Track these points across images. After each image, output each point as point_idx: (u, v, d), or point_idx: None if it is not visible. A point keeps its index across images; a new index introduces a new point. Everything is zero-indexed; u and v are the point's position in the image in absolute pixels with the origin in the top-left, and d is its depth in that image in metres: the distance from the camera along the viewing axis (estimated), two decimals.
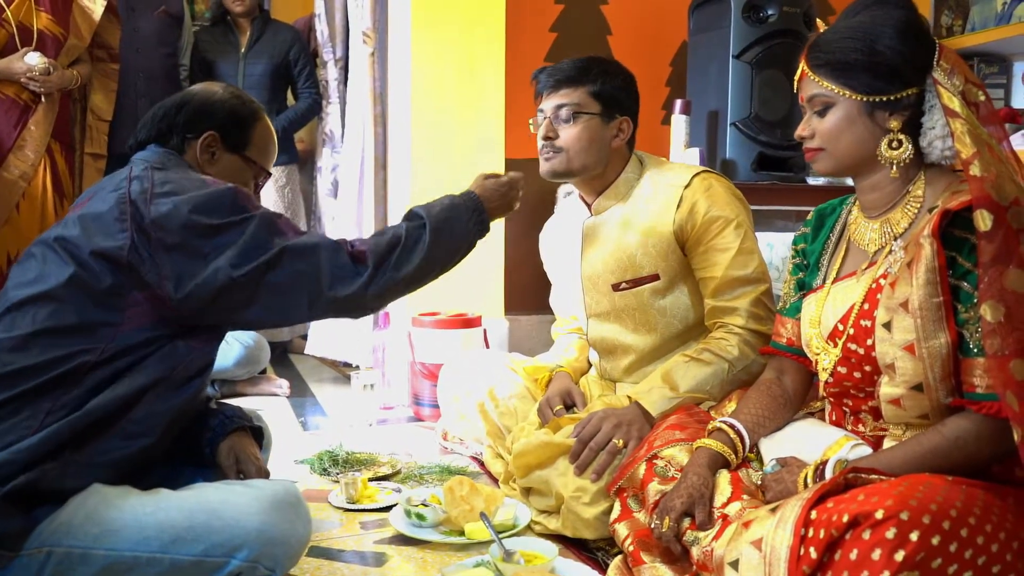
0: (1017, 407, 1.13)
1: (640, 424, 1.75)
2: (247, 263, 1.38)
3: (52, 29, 3.23)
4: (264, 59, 3.75)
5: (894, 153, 1.36)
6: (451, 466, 2.23)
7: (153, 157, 1.52)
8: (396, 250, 1.49)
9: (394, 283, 1.49)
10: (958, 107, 1.28)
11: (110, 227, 1.37)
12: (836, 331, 1.41)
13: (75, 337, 1.34)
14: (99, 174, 3.49)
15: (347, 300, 1.45)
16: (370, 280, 1.45)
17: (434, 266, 1.55)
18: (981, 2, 3.56)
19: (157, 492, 1.35)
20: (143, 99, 3.56)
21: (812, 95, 1.40)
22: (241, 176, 1.62)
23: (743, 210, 1.92)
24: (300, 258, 1.41)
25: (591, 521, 1.69)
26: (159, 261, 1.36)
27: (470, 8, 3.10)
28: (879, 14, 1.35)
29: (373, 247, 1.49)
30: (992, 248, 1.17)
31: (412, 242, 1.52)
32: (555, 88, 1.95)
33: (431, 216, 1.56)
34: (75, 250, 1.36)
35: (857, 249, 1.45)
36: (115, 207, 1.38)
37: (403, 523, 1.77)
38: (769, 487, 1.38)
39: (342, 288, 1.43)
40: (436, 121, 3.11)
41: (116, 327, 1.36)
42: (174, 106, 1.58)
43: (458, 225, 1.59)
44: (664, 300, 1.96)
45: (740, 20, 2.99)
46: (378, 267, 1.47)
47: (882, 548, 1.05)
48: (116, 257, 1.35)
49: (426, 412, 2.82)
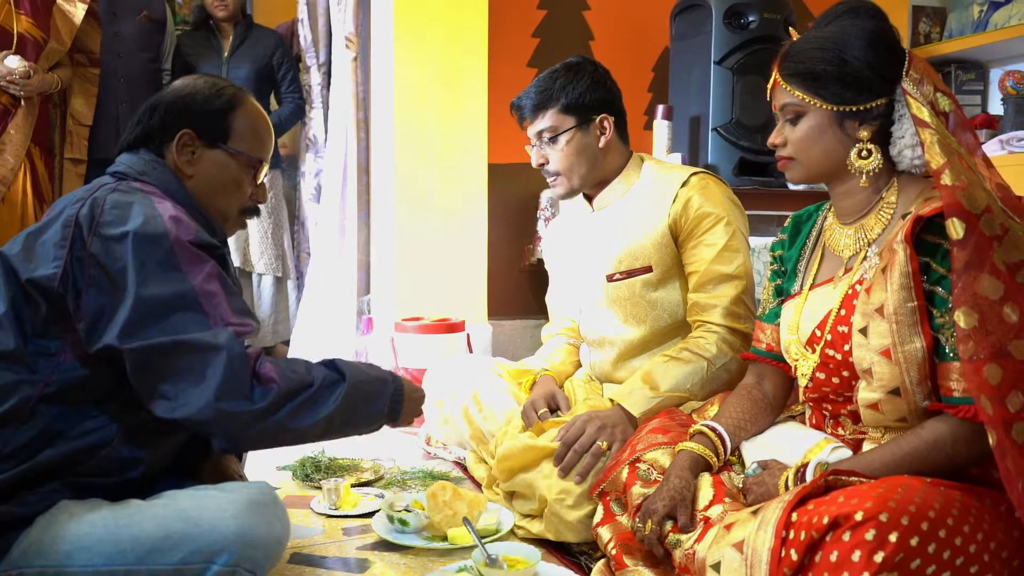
0: (991, 411, 1.15)
1: (623, 426, 1.76)
2: (138, 338, 1.26)
3: (32, 33, 3.21)
4: (247, 64, 3.74)
5: (863, 163, 1.37)
6: (434, 471, 2.23)
7: (138, 164, 1.45)
8: (300, 395, 1.32)
9: (282, 431, 1.31)
10: (927, 117, 1.29)
11: (49, 253, 1.30)
12: (814, 337, 1.42)
13: (16, 366, 1.29)
14: (79, 179, 3.47)
15: (225, 419, 1.26)
16: (262, 413, 1.28)
17: (328, 430, 1.37)
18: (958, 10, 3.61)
19: (128, 504, 1.32)
20: (124, 104, 3.54)
21: (784, 104, 1.41)
22: (227, 172, 1.49)
23: (736, 212, 1.94)
24: (194, 353, 1.26)
25: (574, 524, 1.69)
26: (84, 300, 1.28)
27: (453, 13, 3.11)
28: (849, 24, 1.37)
29: (283, 379, 1.31)
30: (964, 255, 1.18)
31: (321, 395, 1.35)
32: (530, 116, 1.99)
33: (352, 378, 1.39)
34: (13, 275, 1.32)
35: (832, 255, 1.47)
36: (60, 230, 1.31)
37: (386, 529, 1.77)
38: (750, 490, 1.39)
39: (226, 404, 1.26)
40: (419, 126, 3.11)
41: (53, 357, 1.30)
42: (148, 109, 1.49)
43: (374, 402, 1.42)
44: (656, 293, 1.97)
45: (721, 26, 3.02)
46: (277, 405, 1.29)
47: (862, 550, 1.06)
48: (47, 287, 1.29)
49: None
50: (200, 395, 1.25)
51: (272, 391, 1.28)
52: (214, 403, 1.25)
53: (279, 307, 3.98)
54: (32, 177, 3.25)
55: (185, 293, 1.28)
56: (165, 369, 1.27)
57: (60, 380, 1.30)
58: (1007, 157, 3.18)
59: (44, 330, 1.30)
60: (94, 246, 1.28)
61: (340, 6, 3.47)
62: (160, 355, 1.26)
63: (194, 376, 1.26)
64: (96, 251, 1.28)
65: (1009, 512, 1.20)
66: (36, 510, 1.28)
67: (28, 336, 1.30)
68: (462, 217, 3.16)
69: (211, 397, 1.25)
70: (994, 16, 3.45)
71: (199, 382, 1.26)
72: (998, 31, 3.39)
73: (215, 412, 1.25)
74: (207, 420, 1.27)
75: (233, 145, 1.50)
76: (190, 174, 1.48)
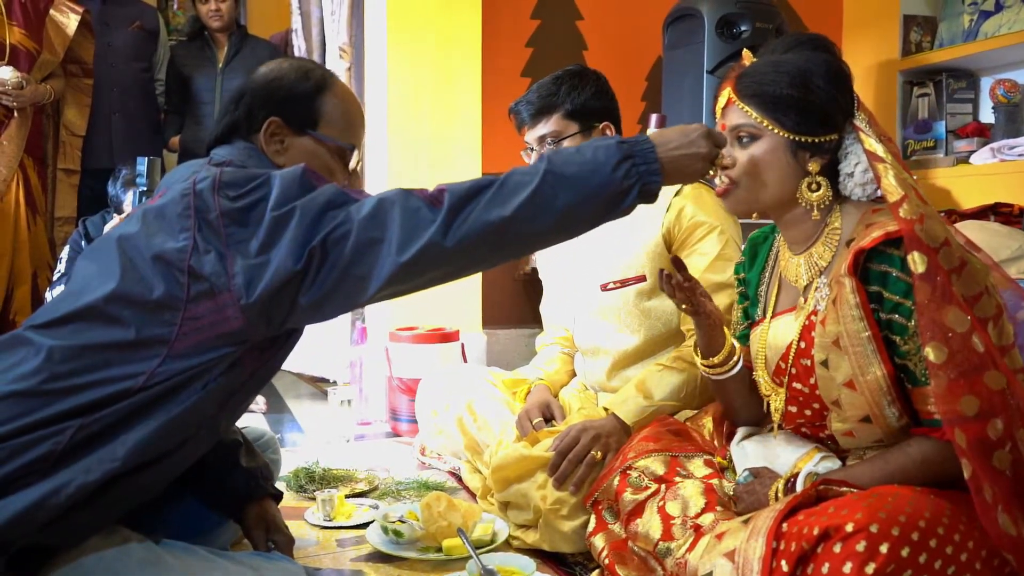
0: (964, 443, 1.14)
1: (618, 435, 1.76)
2: (309, 241, 1.16)
3: (25, 43, 3.22)
4: (242, 74, 3.74)
5: (813, 195, 1.35)
6: (429, 481, 2.22)
7: (232, 154, 1.37)
8: (488, 190, 1.17)
9: (481, 228, 1.15)
10: (882, 152, 1.28)
11: (172, 225, 1.20)
12: (779, 369, 1.42)
13: (124, 357, 1.18)
14: (72, 189, 3.47)
15: (422, 253, 1.15)
16: (446, 222, 1.15)
17: (544, 216, 1.17)
18: (949, 19, 3.63)
19: (159, 561, 1.22)
20: (117, 114, 3.55)
21: (737, 124, 1.36)
22: (320, 160, 1.41)
23: (729, 221, 1.95)
24: (364, 216, 1.17)
25: (569, 535, 1.69)
26: (229, 259, 1.17)
27: (446, 23, 3.12)
28: (810, 55, 1.35)
29: (454, 186, 1.19)
30: (928, 288, 1.17)
31: (516, 182, 1.18)
32: (532, 121, 1.98)
33: (557, 155, 1.21)
34: (133, 252, 1.20)
35: (789, 284, 1.45)
36: (179, 198, 1.21)
37: (380, 540, 1.77)
38: (741, 498, 1.40)
39: (415, 237, 1.15)
40: (413, 136, 3.12)
41: (168, 344, 1.18)
42: (232, 101, 1.42)
43: (596, 168, 1.19)
44: (649, 302, 1.98)
45: (714, 36, 3.03)
46: (458, 206, 1.16)
47: (853, 561, 1.06)
48: (176, 262, 1.18)
49: (404, 427, 2.81)
50: (391, 248, 1.16)
51: (445, 199, 1.16)
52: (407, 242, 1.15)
53: None
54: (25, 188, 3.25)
55: (331, 195, 1.20)
56: (348, 251, 1.17)
57: (165, 370, 1.18)
58: (998, 165, 3.19)
59: (159, 314, 1.18)
60: (223, 205, 1.18)
61: (334, 17, 3.48)
62: (336, 238, 1.16)
63: (379, 233, 1.16)
64: (227, 208, 1.18)
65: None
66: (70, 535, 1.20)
67: (140, 323, 1.18)
68: None
69: (402, 240, 1.15)
70: (984, 25, 3.48)
71: (384, 238, 1.16)
72: (988, 40, 3.41)
73: (413, 252, 1.15)
74: (411, 262, 1.16)
75: (323, 131, 1.42)
76: (280, 164, 1.39)
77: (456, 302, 3.12)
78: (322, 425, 2.96)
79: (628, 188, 1.20)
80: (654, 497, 1.47)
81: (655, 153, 1.22)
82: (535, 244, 1.25)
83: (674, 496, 1.44)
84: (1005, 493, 1.13)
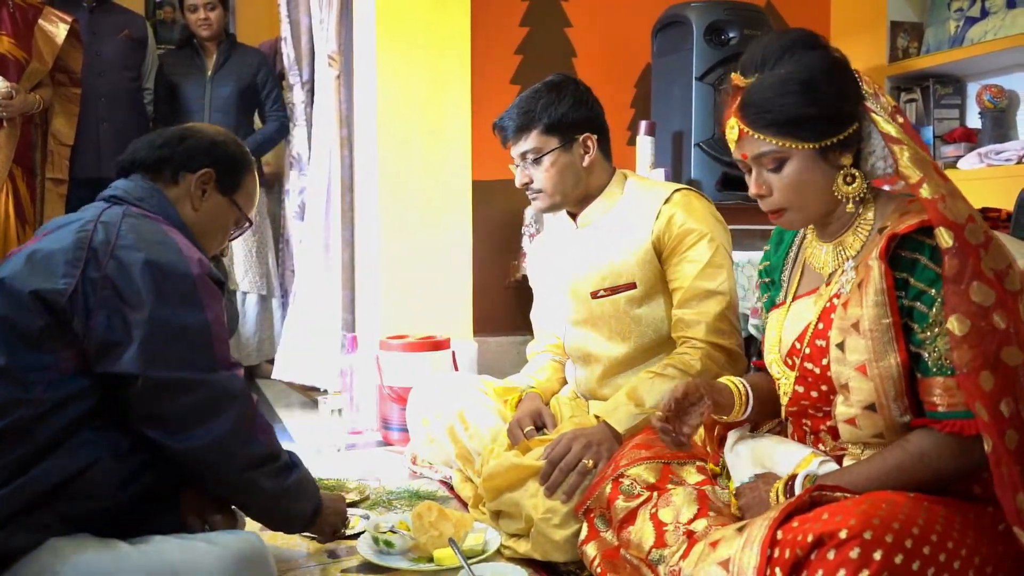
0: (987, 418, 1.15)
1: (609, 443, 1.76)
2: (156, 367, 1.31)
3: (14, 53, 3.20)
4: (231, 82, 3.73)
5: (850, 188, 1.35)
6: (420, 491, 2.21)
7: (135, 190, 1.48)
8: (278, 460, 1.50)
9: (255, 487, 1.46)
10: (896, 132, 1.29)
11: (57, 268, 1.32)
12: (794, 349, 1.43)
13: (6, 383, 1.28)
14: (61, 199, 3.45)
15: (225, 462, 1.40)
16: (255, 462, 1.43)
17: (276, 507, 1.54)
18: (935, 25, 3.65)
19: (116, 547, 1.30)
20: (104, 123, 3.53)
21: (761, 153, 1.35)
22: (223, 219, 1.63)
23: (719, 228, 1.95)
24: (213, 395, 1.37)
25: (561, 543, 1.69)
26: (94, 321, 1.30)
27: (435, 31, 3.11)
28: (804, 60, 1.33)
29: (274, 439, 1.50)
30: (956, 263, 1.19)
31: (287, 469, 1.53)
32: (513, 137, 1.99)
33: (302, 468, 1.60)
34: (12, 288, 1.31)
35: (811, 270, 1.47)
36: (72, 248, 1.33)
37: (371, 551, 1.75)
38: (743, 494, 1.40)
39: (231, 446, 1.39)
40: (402, 143, 3.11)
41: (45, 372, 1.29)
42: (176, 136, 1.59)
43: (308, 499, 1.62)
44: (640, 310, 1.97)
45: (702, 42, 3.04)
46: (266, 459, 1.46)
47: (846, 568, 1.06)
48: (53, 301, 1.30)
49: (395, 436, 2.80)
50: (207, 433, 1.34)
51: (265, 446, 1.44)
52: (220, 443, 1.35)
53: (264, 325, 3.96)
54: (14, 198, 3.23)
55: (202, 328, 1.36)
56: (179, 403, 1.33)
57: (52, 397, 1.29)
58: (986, 170, 3.21)
59: (38, 344, 1.30)
60: (110, 267, 1.31)
61: (323, 25, 3.47)
62: (179, 389, 1.33)
63: (209, 414, 1.35)
64: (111, 272, 1.31)
65: (993, 526, 1.21)
66: (24, 545, 1.25)
67: (18, 351, 1.29)
68: (447, 234, 3.16)
69: (219, 436, 1.35)
70: (970, 31, 3.50)
71: (211, 421, 1.35)
72: (974, 46, 3.43)
73: (219, 452, 1.36)
74: (207, 457, 1.36)
75: (238, 199, 1.65)
76: (196, 208, 1.58)
77: (447, 310, 3.11)
78: (313, 434, 2.95)
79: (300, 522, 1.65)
80: (646, 504, 1.47)
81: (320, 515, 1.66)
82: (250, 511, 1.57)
83: (666, 503, 1.43)
84: (1017, 472, 1.14)
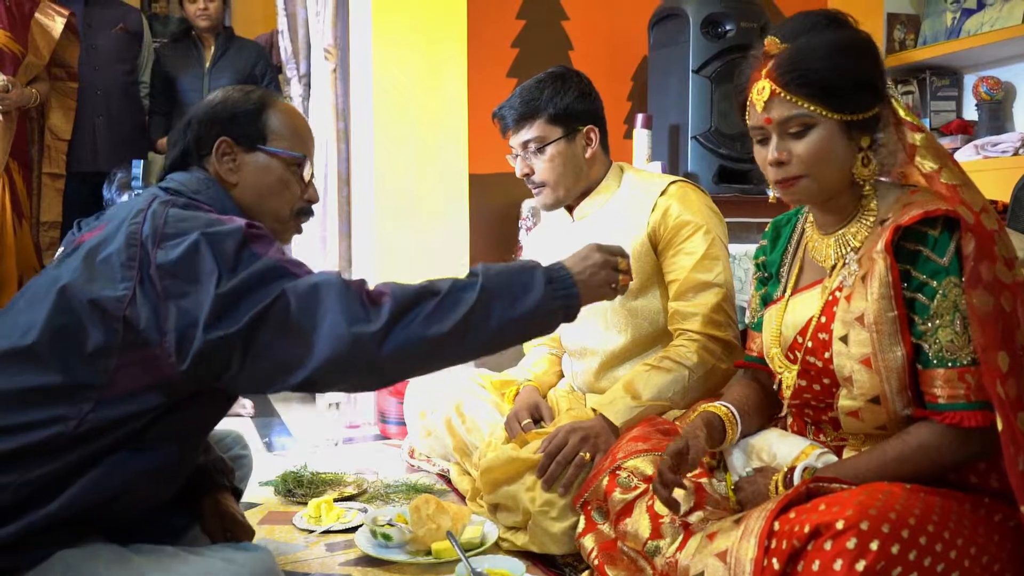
0: (1004, 396, 1.16)
1: (606, 436, 1.76)
2: (236, 316, 1.18)
3: (10, 47, 3.19)
4: (229, 74, 3.72)
5: (866, 171, 1.34)
6: (418, 484, 2.22)
7: (189, 182, 1.39)
8: (430, 301, 1.22)
9: (417, 342, 1.19)
10: (915, 120, 1.31)
11: (115, 272, 1.21)
12: (795, 343, 1.43)
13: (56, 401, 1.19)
14: (58, 194, 3.45)
15: (352, 355, 1.18)
16: (384, 329, 1.18)
17: (478, 335, 1.24)
18: (932, 16, 3.65)
19: (128, 561, 1.24)
20: (101, 117, 3.52)
21: (788, 116, 1.30)
22: (268, 176, 1.45)
23: (715, 220, 1.95)
24: (301, 301, 1.19)
25: (559, 536, 1.69)
26: (162, 314, 1.19)
27: (432, 23, 3.11)
28: (841, 33, 1.32)
29: (396, 290, 1.22)
30: (976, 241, 1.20)
31: (453, 298, 1.23)
32: (515, 126, 1.97)
33: (488, 274, 1.27)
34: (71, 296, 1.22)
35: (814, 264, 1.46)
36: (125, 247, 1.23)
37: (369, 544, 1.76)
38: (742, 488, 1.40)
39: (347, 337, 1.18)
40: (399, 137, 3.11)
41: (98, 390, 1.20)
42: (182, 129, 1.46)
43: (525, 292, 1.26)
44: (636, 302, 1.97)
45: (699, 35, 3.04)
46: (398, 315, 1.19)
47: (843, 558, 1.06)
48: (112, 311, 1.20)
49: (392, 430, 2.81)
50: (323, 337, 1.17)
51: (386, 304, 1.19)
52: (340, 335, 1.16)
53: None
54: (11, 192, 3.22)
55: (270, 266, 1.21)
56: (278, 333, 1.18)
57: (97, 417, 1.20)
58: (982, 162, 3.21)
59: (94, 359, 1.20)
60: (159, 257, 1.21)
61: (319, 18, 3.46)
62: (266, 320, 1.17)
63: (310, 322, 1.18)
64: (163, 261, 1.20)
65: (989, 516, 1.21)
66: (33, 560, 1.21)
67: (74, 368, 1.20)
68: (443, 227, 3.16)
69: (338, 330, 1.16)
70: (967, 23, 3.50)
71: (317, 326, 1.17)
72: (971, 37, 3.43)
73: (344, 345, 1.16)
74: (340, 359, 1.17)
75: (272, 145, 1.46)
76: (234, 182, 1.44)
77: None
78: (310, 428, 2.95)
79: (554, 311, 1.30)
80: (643, 497, 1.47)
81: (572, 279, 1.33)
82: (462, 360, 1.30)
83: None
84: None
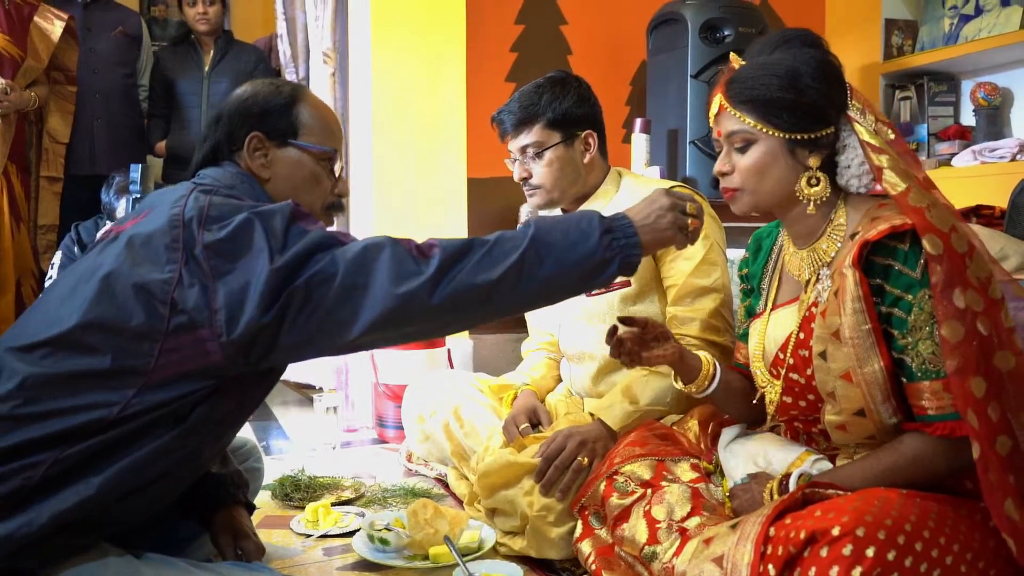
0: (977, 424, 1.15)
1: (604, 441, 1.76)
2: (296, 287, 1.16)
3: (9, 50, 3.20)
4: (228, 78, 3.73)
5: (813, 191, 1.36)
6: (415, 488, 2.22)
7: (223, 177, 1.37)
8: (479, 250, 1.19)
9: (467, 289, 1.17)
10: (878, 143, 1.30)
11: (159, 254, 1.19)
12: (778, 360, 1.43)
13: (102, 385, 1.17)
14: (55, 197, 3.45)
15: (407, 306, 1.15)
16: (435, 278, 1.16)
17: (530, 283, 1.20)
18: (930, 23, 3.66)
19: (137, 572, 1.22)
20: (99, 120, 3.53)
21: (733, 131, 1.38)
22: (305, 169, 1.43)
23: (713, 225, 1.95)
24: (351, 263, 1.17)
25: (556, 541, 1.69)
26: (211, 293, 1.16)
27: (431, 28, 3.11)
28: (798, 53, 1.35)
29: (446, 242, 1.20)
30: (943, 270, 1.19)
31: (503, 246, 1.20)
32: (514, 131, 1.97)
33: (541, 224, 1.23)
34: (116, 282, 1.19)
35: (790, 278, 1.47)
36: (167, 229, 1.20)
37: (366, 548, 1.76)
38: (736, 495, 1.40)
39: (400, 289, 1.16)
40: (398, 141, 3.11)
41: (144, 375, 1.18)
42: (211, 124, 1.44)
43: (579, 241, 1.22)
44: (634, 307, 1.97)
45: (697, 40, 3.05)
46: (448, 264, 1.17)
47: (839, 565, 1.06)
48: (159, 294, 1.17)
49: (390, 434, 2.80)
50: (375, 294, 1.16)
51: (435, 255, 1.17)
52: (392, 291, 1.15)
53: None
54: (9, 195, 3.23)
55: (319, 237, 1.20)
56: (331, 296, 1.16)
57: (140, 401, 1.18)
58: (980, 167, 3.22)
59: (140, 343, 1.18)
60: (206, 237, 1.18)
61: (318, 22, 3.47)
62: (320, 286, 1.16)
63: (363, 280, 1.16)
64: (211, 240, 1.18)
65: (984, 522, 1.22)
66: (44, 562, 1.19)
67: (123, 352, 1.18)
68: (442, 231, 3.16)
69: (387, 287, 1.15)
70: (964, 29, 3.51)
71: (369, 284, 1.16)
72: (968, 43, 3.44)
73: (397, 300, 1.15)
74: (393, 313, 1.16)
75: (303, 139, 1.44)
76: (266, 177, 1.42)
77: None
78: (308, 432, 2.94)
79: (609, 260, 1.24)
80: (640, 501, 1.47)
81: (633, 227, 1.26)
82: (515, 309, 1.26)
83: (660, 500, 1.44)
84: (1007, 478, 1.15)
